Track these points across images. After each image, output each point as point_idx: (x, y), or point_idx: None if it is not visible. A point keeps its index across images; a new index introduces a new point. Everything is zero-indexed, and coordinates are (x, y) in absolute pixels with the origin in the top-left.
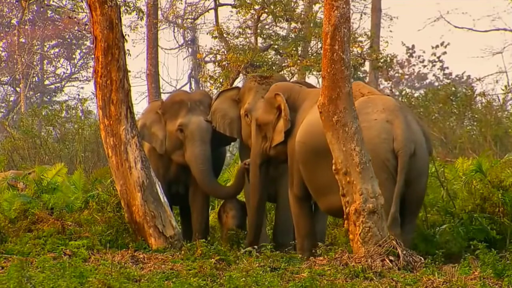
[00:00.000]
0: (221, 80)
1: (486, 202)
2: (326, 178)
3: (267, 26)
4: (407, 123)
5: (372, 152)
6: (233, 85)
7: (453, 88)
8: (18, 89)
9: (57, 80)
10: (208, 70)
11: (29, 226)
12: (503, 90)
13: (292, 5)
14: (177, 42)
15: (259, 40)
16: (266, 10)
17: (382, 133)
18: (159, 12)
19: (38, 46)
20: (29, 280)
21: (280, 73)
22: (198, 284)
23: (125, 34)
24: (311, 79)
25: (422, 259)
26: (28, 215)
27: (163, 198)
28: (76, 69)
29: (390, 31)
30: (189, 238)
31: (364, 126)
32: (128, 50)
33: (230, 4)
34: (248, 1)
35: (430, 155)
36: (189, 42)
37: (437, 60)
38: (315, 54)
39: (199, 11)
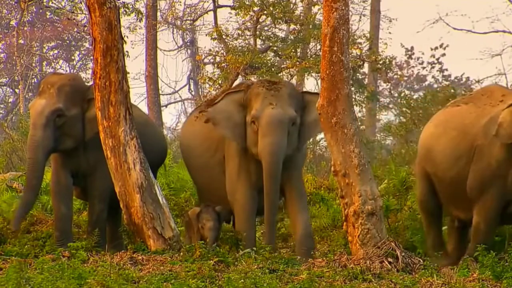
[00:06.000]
0: (220, 81)
1: None
2: None
3: (266, 28)
4: None
5: None
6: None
7: (452, 90)
8: (17, 90)
9: None
10: (207, 71)
11: (27, 227)
12: None
13: (291, 6)
14: (176, 43)
15: (258, 41)
16: (265, 12)
17: None
18: (158, 14)
19: (37, 48)
20: (28, 281)
21: (279, 74)
22: (197, 286)
23: (124, 36)
24: (310, 80)
25: (421, 261)
26: (26, 216)
27: (162, 200)
28: (75, 71)
29: (389, 32)
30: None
31: None
32: (127, 51)
33: (229, 6)
34: (247, 3)
35: None
36: (188, 43)
37: (436, 62)
38: (314, 55)
39: (198, 12)
